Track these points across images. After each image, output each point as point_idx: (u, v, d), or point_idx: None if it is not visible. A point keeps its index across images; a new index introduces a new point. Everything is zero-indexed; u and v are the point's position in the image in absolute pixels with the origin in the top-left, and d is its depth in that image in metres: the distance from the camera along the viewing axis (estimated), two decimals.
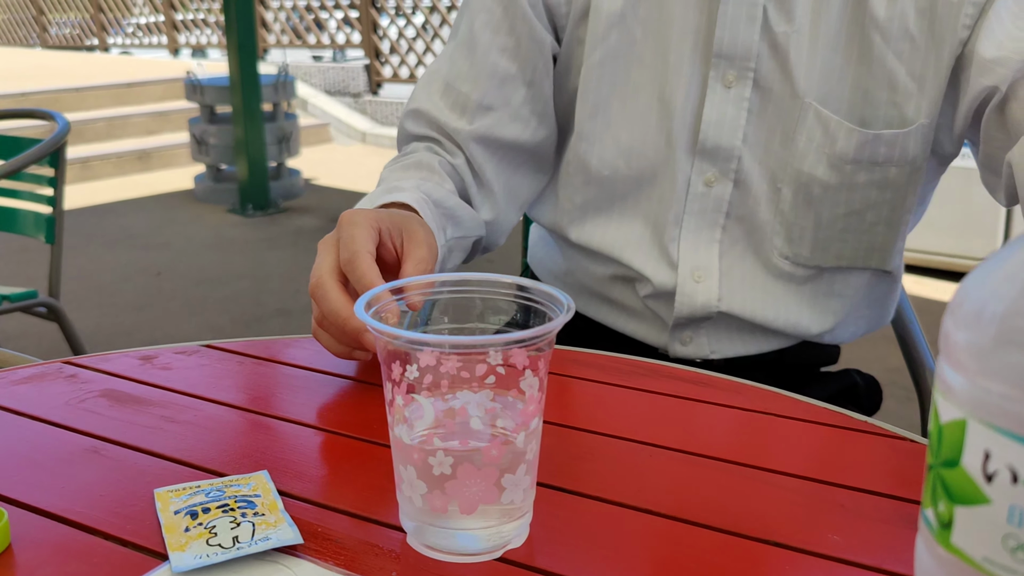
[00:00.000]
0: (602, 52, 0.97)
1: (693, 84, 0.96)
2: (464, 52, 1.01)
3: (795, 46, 0.92)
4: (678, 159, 0.97)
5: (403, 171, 0.98)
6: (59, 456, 0.66)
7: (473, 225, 0.99)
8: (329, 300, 0.73)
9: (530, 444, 0.54)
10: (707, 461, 0.66)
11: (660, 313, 1.03)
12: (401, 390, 0.54)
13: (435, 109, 1.02)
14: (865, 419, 0.73)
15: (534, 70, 1.00)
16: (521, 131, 1.02)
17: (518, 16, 0.98)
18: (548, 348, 0.54)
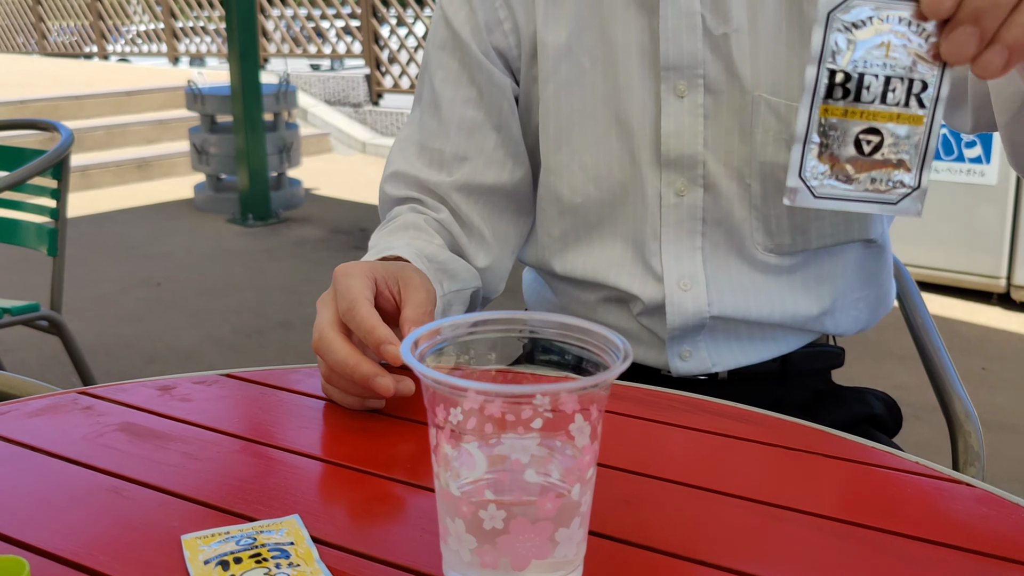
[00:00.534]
0: (555, 85, 1.00)
1: (647, 100, 0.98)
2: (431, 112, 1.05)
3: (737, 44, 0.94)
4: (645, 175, 0.99)
5: (391, 234, 0.99)
6: (78, 497, 0.63)
7: (468, 277, 1.00)
8: (334, 351, 0.74)
9: (584, 496, 0.51)
10: (761, 508, 0.63)
11: (655, 330, 1.03)
12: (446, 435, 0.51)
13: (413, 168, 1.05)
14: (916, 460, 0.70)
15: (500, 114, 1.03)
16: (499, 174, 1.04)
17: (474, 66, 1.02)
18: (604, 392, 0.51)
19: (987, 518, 0.62)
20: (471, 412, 0.50)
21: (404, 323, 0.76)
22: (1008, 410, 2.90)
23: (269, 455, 0.70)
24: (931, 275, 3.84)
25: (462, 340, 0.56)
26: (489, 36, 1.02)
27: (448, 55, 1.03)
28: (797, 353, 1.07)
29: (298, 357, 3.33)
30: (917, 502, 0.64)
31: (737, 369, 1.05)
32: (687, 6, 0.95)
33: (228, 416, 0.76)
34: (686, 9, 0.95)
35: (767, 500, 0.64)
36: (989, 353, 3.33)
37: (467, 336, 0.56)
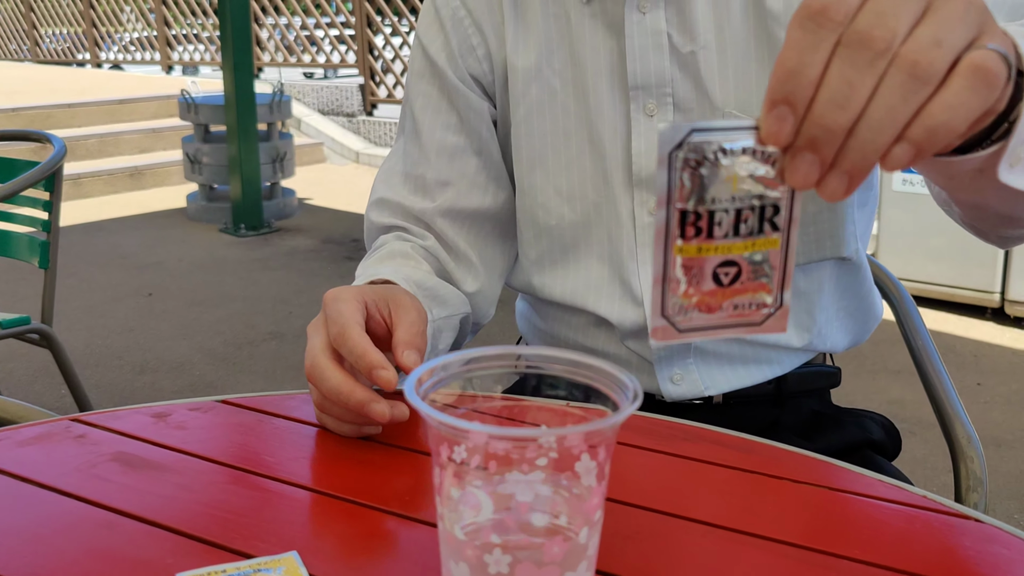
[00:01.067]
0: (525, 108, 1.00)
1: (618, 120, 0.98)
2: (412, 139, 1.05)
3: (704, 62, 0.94)
4: (618, 195, 0.99)
5: (379, 262, 0.99)
6: (68, 531, 0.62)
7: (458, 303, 1.00)
8: (327, 379, 0.72)
9: (592, 539, 0.50)
10: (769, 544, 0.62)
11: (642, 354, 1.02)
12: (450, 474, 0.50)
13: (397, 195, 1.05)
14: (923, 493, 0.69)
15: (479, 139, 1.03)
16: (482, 198, 1.04)
17: (452, 92, 1.02)
18: (612, 433, 0.50)
19: (997, 557, 0.61)
20: (475, 450, 0.49)
21: (397, 346, 0.75)
22: (1003, 425, 2.90)
23: (265, 487, 0.68)
24: (925, 289, 3.84)
25: (467, 376, 0.54)
26: (464, 62, 1.02)
27: (427, 83, 1.04)
28: (792, 374, 1.06)
29: (289, 368, 3.31)
30: (925, 539, 0.63)
31: (731, 392, 1.04)
32: (653, 25, 0.95)
33: (223, 445, 0.75)
34: (652, 28, 0.95)
35: (779, 538, 0.63)
36: (983, 368, 3.33)
37: (471, 373, 0.54)
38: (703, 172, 0.47)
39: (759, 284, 0.49)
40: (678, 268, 0.48)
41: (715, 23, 0.94)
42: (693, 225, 0.47)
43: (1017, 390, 3.16)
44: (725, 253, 0.48)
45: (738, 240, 0.48)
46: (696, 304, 0.49)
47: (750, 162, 0.47)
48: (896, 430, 1.17)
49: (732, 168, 0.47)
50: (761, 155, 0.47)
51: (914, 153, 0.47)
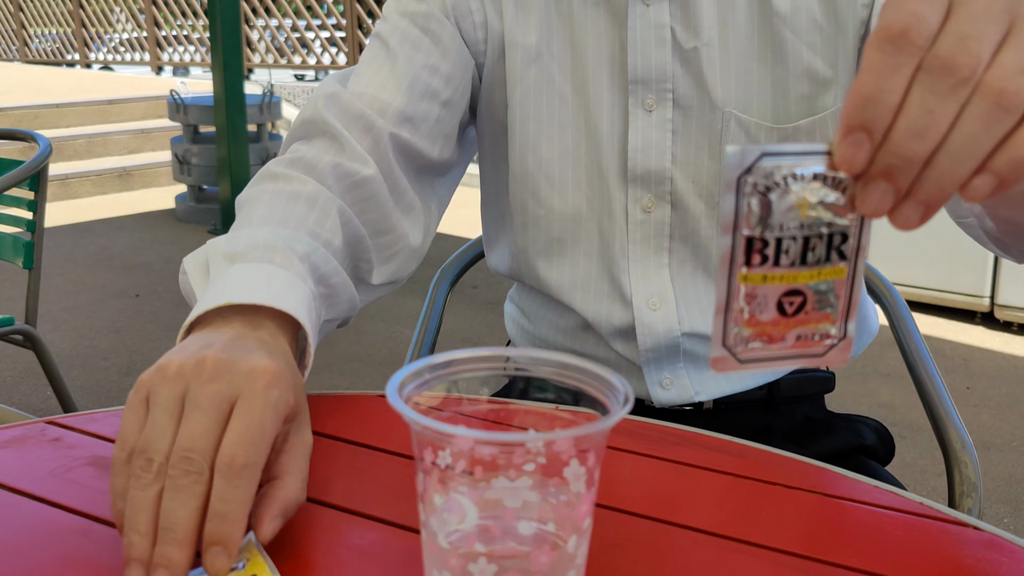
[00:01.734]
0: (522, 90, 0.98)
1: (615, 113, 0.96)
2: (383, 64, 0.94)
3: (707, 59, 0.92)
4: (611, 189, 0.97)
5: (289, 203, 0.82)
6: (42, 538, 0.60)
7: (346, 308, 0.85)
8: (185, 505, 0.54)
9: (580, 548, 0.49)
10: (765, 553, 0.60)
11: (630, 357, 1.01)
12: (434, 480, 0.48)
13: (357, 101, 0.91)
14: (920, 500, 0.67)
15: (455, 91, 0.97)
16: (431, 147, 0.96)
17: (444, 35, 0.95)
18: (602, 438, 0.48)
19: (997, 565, 0.59)
20: (460, 454, 0.47)
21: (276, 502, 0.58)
22: (992, 429, 2.89)
23: None
24: (915, 293, 3.84)
25: (452, 378, 0.53)
26: (459, 23, 0.97)
27: (410, 22, 0.96)
28: (785, 380, 1.05)
29: None
30: (924, 547, 0.62)
31: (722, 398, 1.03)
32: (656, 18, 0.93)
33: None
34: (655, 21, 0.93)
35: (776, 546, 0.61)
36: (973, 372, 3.33)
37: (457, 375, 0.53)
38: (772, 198, 0.45)
39: (823, 315, 0.48)
40: (741, 297, 0.46)
41: (719, 19, 0.92)
42: (760, 252, 0.46)
43: (1006, 394, 3.16)
44: (791, 282, 0.47)
45: (804, 269, 0.46)
46: (758, 334, 0.48)
47: (820, 188, 0.45)
48: (889, 435, 1.16)
49: (802, 194, 0.45)
50: (832, 181, 0.45)
51: (996, 184, 0.45)
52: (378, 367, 3.34)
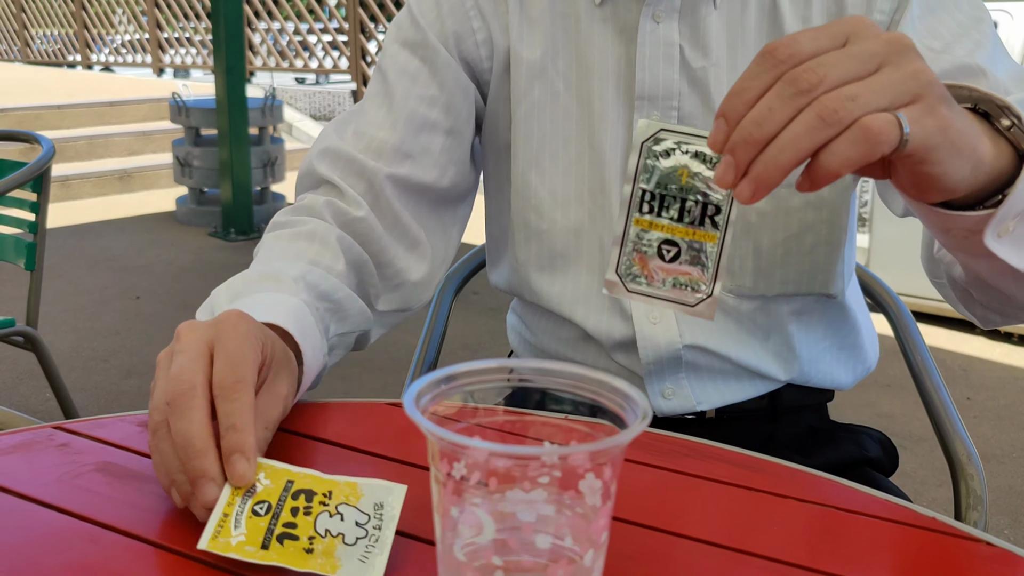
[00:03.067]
0: (527, 106, 0.98)
1: (619, 128, 0.96)
2: (380, 103, 0.99)
3: (715, 79, 0.93)
4: (613, 205, 0.97)
5: (291, 242, 0.89)
6: (49, 545, 0.59)
7: (360, 320, 0.91)
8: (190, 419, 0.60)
9: (597, 562, 0.48)
10: (775, 566, 0.60)
11: (632, 368, 1.01)
12: (448, 491, 0.48)
13: (349, 148, 0.97)
14: (933, 515, 0.67)
15: (457, 118, 0.99)
16: (438, 176, 0.99)
17: (440, 65, 0.98)
18: (619, 452, 0.48)
19: None
20: (475, 466, 0.47)
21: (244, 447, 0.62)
22: (992, 440, 2.89)
23: None
24: (915, 303, 3.84)
25: (469, 389, 0.52)
26: (459, 44, 0.98)
27: (409, 52, 0.98)
28: (786, 389, 1.04)
29: None
30: (936, 563, 0.62)
31: (724, 407, 1.02)
32: (665, 36, 0.93)
33: None
34: (664, 39, 0.93)
35: (791, 561, 0.61)
36: (973, 382, 3.33)
37: (473, 386, 0.52)
38: (663, 162, 0.58)
39: (697, 271, 0.59)
40: (632, 236, 0.59)
41: (728, 41, 0.92)
42: (648, 203, 0.59)
43: (1006, 405, 3.16)
44: (670, 233, 0.59)
45: (681, 225, 0.58)
46: (643, 272, 0.59)
47: (699, 164, 0.58)
48: (893, 446, 1.15)
49: (684, 163, 0.58)
50: (709, 161, 0.58)
51: (808, 181, 0.56)
52: (378, 373, 3.34)
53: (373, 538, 0.59)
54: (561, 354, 1.07)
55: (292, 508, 0.60)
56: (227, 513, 0.59)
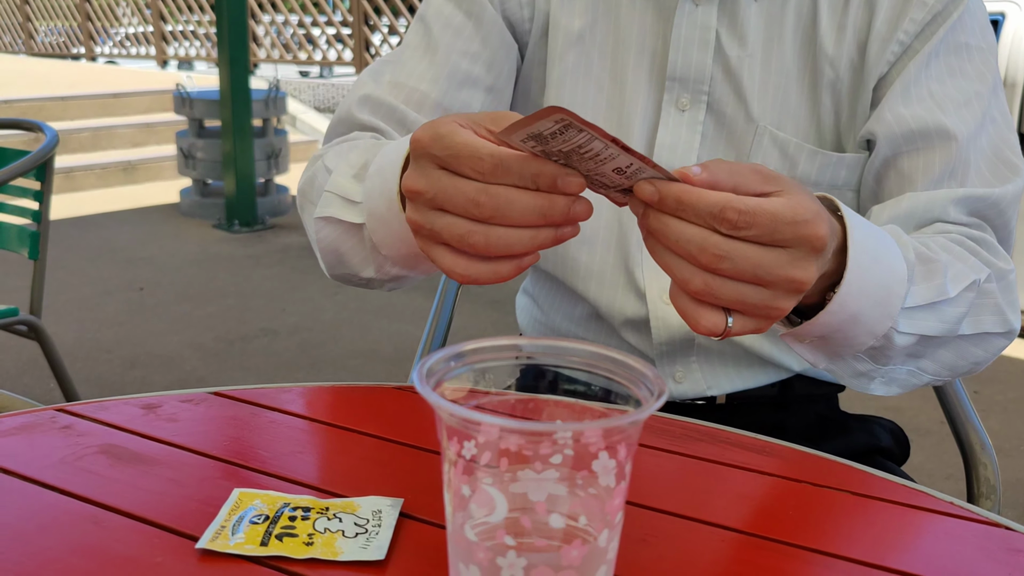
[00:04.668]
0: (560, 71, 0.97)
1: (648, 107, 0.95)
2: (422, 54, 0.96)
3: (748, 70, 0.92)
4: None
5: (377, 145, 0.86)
6: (53, 526, 0.58)
7: None
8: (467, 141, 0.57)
9: (612, 543, 0.47)
10: (792, 551, 0.59)
11: (644, 349, 1.00)
12: (459, 471, 0.46)
13: (391, 98, 0.94)
14: (951, 500, 0.66)
15: (498, 76, 0.98)
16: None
17: (486, 21, 0.96)
18: (634, 431, 0.47)
19: None
20: (487, 445, 0.46)
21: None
22: (1000, 434, 2.88)
23: (260, 483, 0.65)
24: None
25: (480, 367, 0.51)
26: (503, 3, 0.97)
27: (455, 6, 0.97)
28: (798, 378, 1.03)
29: (281, 365, 3.27)
30: (957, 547, 0.60)
31: (735, 393, 1.01)
32: (703, 20, 0.92)
33: (216, 438, 0.71)
34: (702, 22, 0.92)
35: (801, 544, 0.59)
36: (981, 376, 3.31)
37: (486, 363, 0.51)
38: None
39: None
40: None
41: (765, 35, 0.92)
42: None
43: (1014, 398, 3.14)
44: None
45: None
46: None
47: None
48: (904, 435, 1.14)
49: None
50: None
51: None
52: (383, 363, 3.33)
53: (373, 533, 0.58)
54: (572, 334, 1.06)
55: (290, 517, 0.59)
56: (224, 525, 0.58)
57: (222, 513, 0.59)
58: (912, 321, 0.74)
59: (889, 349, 0.74)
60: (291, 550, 0.56)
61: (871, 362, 0.76)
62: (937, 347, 0.80)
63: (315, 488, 0.64)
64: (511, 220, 0.58)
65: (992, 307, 0.82)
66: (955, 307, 0.77)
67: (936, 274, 0.76)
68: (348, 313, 3.82)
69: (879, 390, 0.81)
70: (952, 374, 0.84)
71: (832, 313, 0.66)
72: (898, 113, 0.88)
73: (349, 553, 0.56)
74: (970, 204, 0.87)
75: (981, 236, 0.86)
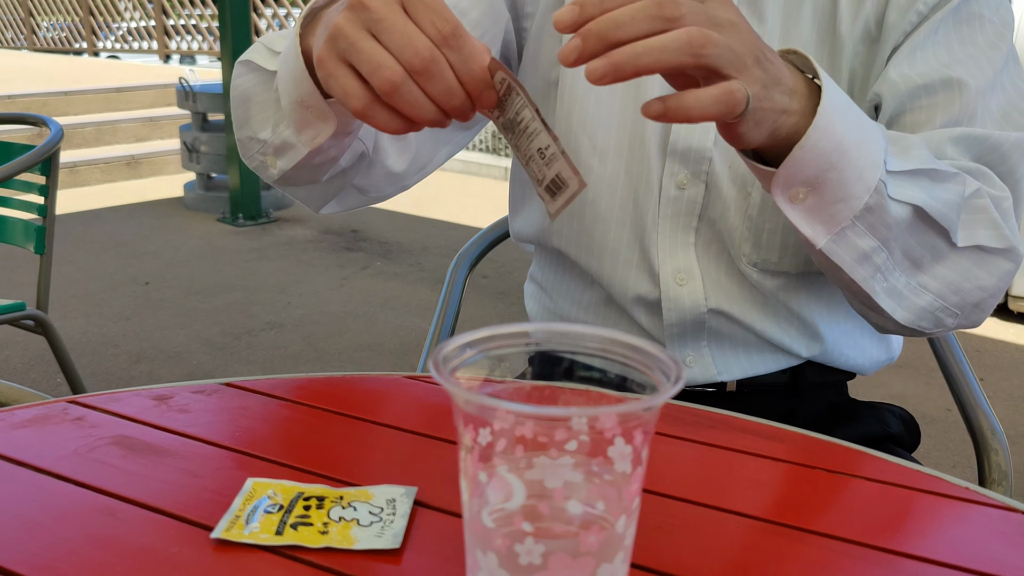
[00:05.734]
0: None
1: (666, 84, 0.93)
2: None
3: None
4: (651, 160, 0.96)
5: None
6: (67, 517, 0.58)
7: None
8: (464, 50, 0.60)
9: (629, 529, 0.47)
10: (809, 537, 0.59)
11: (653, 331, 1.00)
12: (475, 458, 0.46)
13: None
14: (966, 485, 0.65)
15: (481, 37, 0.95)
16: None
17: None
18: (651, 416, 0.46)
19: None
20: (502, 433, 0.45)
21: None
22: (1006, 421, 2.87)
23: (274, 472, 0.65)
24: None
25: (495, 353, 0.51)
26: None
27: None
28: (809, 365, 1.03)
29: (288, 358, 3.27)
30: (975, 532, 0.60)
31: (745, 380, 1.01)
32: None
33: (228, 429, 0.71)
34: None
35: (816, 530, 0.59)
36: (986, 363, 3.31)
37: (501, 350, 0.51)
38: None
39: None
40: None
41: (784, 13, 0.92)
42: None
43: (1019, 385, 3.14)
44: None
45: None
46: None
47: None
48: (915, 422, 1.14)
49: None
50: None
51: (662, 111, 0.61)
52: (389, 356, 3.33)
53: (388, 522, 0.58)
54: (581, 320, 1.06)
55: (304, 506, 0.59)
56: (239, 515, 0.58)
57: (236, 503, 0.59)
58: (900, 188, 0.74)
59: (885, 215, 0.73)
60: (306, 539, 0.56)
61: (871, 235, 0.75)
62: (935, 261, 0.79)
63: (328, 477, 0.64)
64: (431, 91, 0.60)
65: (987, 221, 0.81)
66: (941, 184, 0.77)
67: (913, 147, 0.76)
68: (354, 306, 3.82)
69: (884, 301, 0.80)
70: (959, 298, 0.82)
71: (819, 130, 0.67)
72: (903, 72, 0.87)
73: (364, 542, 0.56)
74: (969, 144, 0.85)
75: (979, 168, 0.84)
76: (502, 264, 4.13)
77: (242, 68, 0.84)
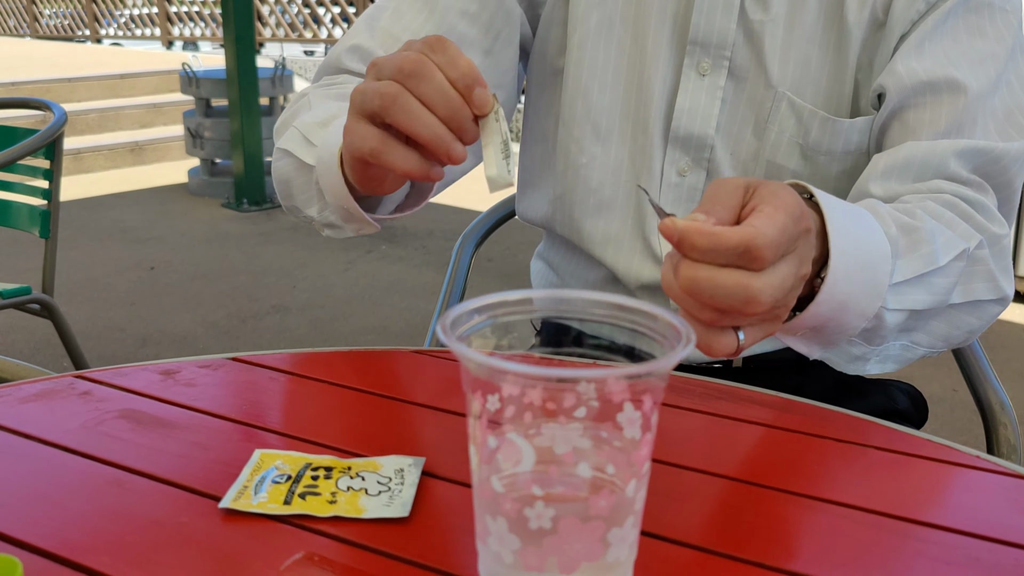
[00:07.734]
0: (581, 34, 0.96)
1: (669, 71, 0.95)
2: (418, 7, 0.96)
3: (770, 35, 0.91)
4: (653, 148, 0.96)
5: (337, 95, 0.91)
6: (76, 490, 0.58)
7: None
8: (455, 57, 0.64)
9: (639, 493, 0.47)
10: (817, 504, 0.58)
11: None
12: (483, 423, 0.46)
13: (382, 51, 0.94)
14: (976, 453, 0.65)
15: (496, 38, 0.97)
16: None
17: None
18: (660, 382, 0.46)
19: None
20: (511, 399, 0.45)
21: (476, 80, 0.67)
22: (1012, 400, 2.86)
23: (281, 444, 0.65)
24: None
25: (503, 320, 0.50)
26: None
27: None
28: None
29: (293, 342, 3.28)
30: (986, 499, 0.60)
31: (752, 357, 1.01)
32: None
33: (235, 402, 0.71)
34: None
35: (828, 498, 0.59)
36: (992, 344, 3.30)
37: (509, 316, 0.51)
38: None
39: None
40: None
41: (790, 1, 0.90)
42: None
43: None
44: None
45: None
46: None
47: None
48: (923, 399, 1.14)
49: None
50: None
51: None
52: (394, 339, 3.33)
53: (396, 491, 0.58)
54: None
55: (312, 476, 0.59)
56: (247, 485, 0.58)
57: (244, 473, 0.59)
58: (901, 297, 0.73)
59: (881, 328, 0.73)
60: (315, 508, 0.56)
61: (865, 344, 0.76)
62: (929, 319, 0.79)
63: (336, 449, 0.64)
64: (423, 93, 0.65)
65: (984, 274, 0.81)
66: (944, 277, 0.76)
67: (922, 243, 0.75)
68: (359, 290, 3.82)
69: (875, 369, 0.81)
70: (947, 344, 0.83)
71: (822, 303, 0.66)
72: (909, 66, 0.87)
73: (373, 511, 0.56)
74: (972, 158, 0.85)
75: (977, 199, 0.84)
76: (507, 247, 4.13)
77: (282, 154, 0.88)
